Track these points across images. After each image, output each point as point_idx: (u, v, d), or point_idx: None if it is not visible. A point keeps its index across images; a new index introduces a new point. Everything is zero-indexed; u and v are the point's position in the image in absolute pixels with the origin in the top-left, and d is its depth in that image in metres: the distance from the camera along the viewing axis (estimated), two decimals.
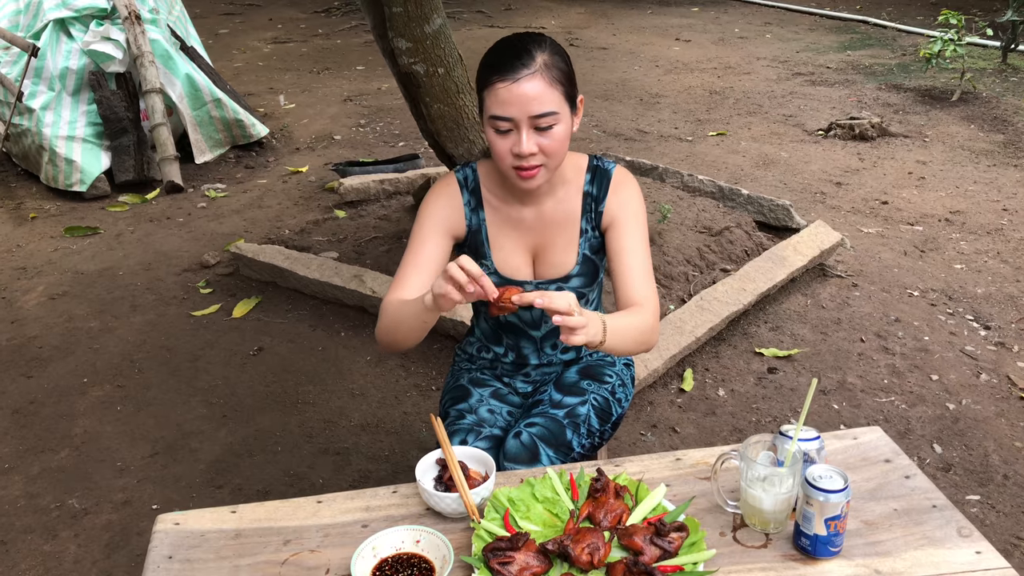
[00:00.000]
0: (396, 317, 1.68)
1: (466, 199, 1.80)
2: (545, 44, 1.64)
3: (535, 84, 1.58)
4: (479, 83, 1.65)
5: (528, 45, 1.61)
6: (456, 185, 1.80)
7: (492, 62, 1.61)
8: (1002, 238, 4.16)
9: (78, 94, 5.11)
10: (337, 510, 1.49)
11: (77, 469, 2.72)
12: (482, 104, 1.65)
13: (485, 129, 1.65)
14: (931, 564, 1.32)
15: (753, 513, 1.39)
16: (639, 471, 1.56)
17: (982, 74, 6.93)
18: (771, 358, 3.20)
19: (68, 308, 3.74)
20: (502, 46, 1.64)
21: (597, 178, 1.80)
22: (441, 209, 1.78)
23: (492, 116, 1.61)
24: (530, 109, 1.58)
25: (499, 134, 1.62)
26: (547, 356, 1.94)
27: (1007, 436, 2.75)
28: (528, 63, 1.58)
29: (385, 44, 3.24)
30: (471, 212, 1.80)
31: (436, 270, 1.75)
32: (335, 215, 4.54)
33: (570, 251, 1.81)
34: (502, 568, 1.29)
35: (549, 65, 1.60)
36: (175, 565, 1.38)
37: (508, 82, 1.57)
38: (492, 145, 1.65)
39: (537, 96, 1.58)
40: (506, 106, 1.58)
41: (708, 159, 5.33)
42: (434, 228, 1.77)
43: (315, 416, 2.95)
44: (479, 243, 1.81)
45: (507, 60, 1.59)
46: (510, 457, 1.74)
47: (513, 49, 1.61)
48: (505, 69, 1.58)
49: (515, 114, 1.59)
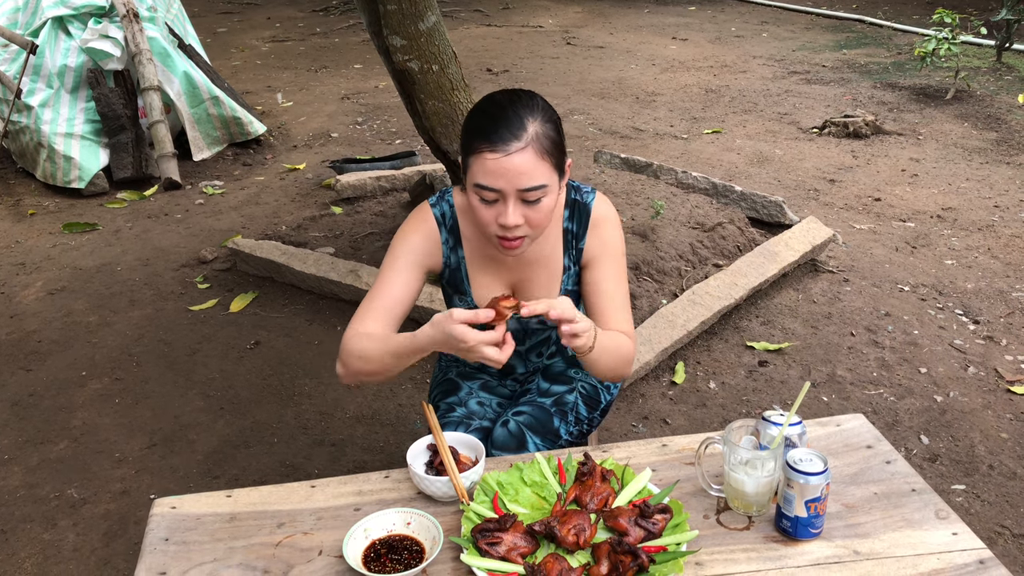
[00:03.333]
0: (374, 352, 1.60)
1: (444, 237, 1.74)
2: (537, 110, 1.56)
3: (526, 158, 1.51)
4: (465, 145, 1.57)
5: (520, 113, 1.53)
6: (433, 222, 1.73)
7: (482, 127, 1.53)
8: (993, 234, 4.20)
9: (76, 91, 5.13)
10: (330, 494, 1.53)
11: (76, 460, 2.75)
12: (466, 167, 1.57)
13: (469, 193, 1.58)
14: (909, 545, 1.36)
15: (736, 496, 1.42)
16: (626, 456, 1.59)
17: (976, 73, 6.97)
18: (762, 351, 3.23)
19: (67, 303, 3.77)
20: (492, 110, 1.55)
21: (576, 213, 1.74)
22: (418, 244, 1.72)
23: (478, 185, 1.54)
24: (519, 183, 1.52)
25: (484, 203, 1.56)
26: (532, 364, 1.95)
27: (993, 427, 2.78)
28: (520, 135, 1.51)
29: (380, 41, 3.28)
30: (449, 251, 1.75)
31: (405, 306, 1.69)
32: (332, 211, 4.57)
33: (552, 287, 1.77)
34: (490, 548, 1.32)
35: (540, 136, 1.53)
36: (171, 547, 1.41)
37: (499, 154, 1.50)
38: (476, 211, 1.58)
39: (527, 171, 1.51)
40: (494, 178, 1.51)
41: (703, 156, 5.37)
42: (408, 262, 1.70)
43: (311, 408, 2.98)
44: (459, 280, 1.77)
45: (498, 129, 1.51)
46: (498, 445, 1.76)
47: (504, 117, 1.52)
48: (495, 139, 1.51)
49: (503, 186, 1.52)
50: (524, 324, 1.84)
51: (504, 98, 1.58)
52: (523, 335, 1.88)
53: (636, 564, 1.28)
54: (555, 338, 1.91)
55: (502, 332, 1.47)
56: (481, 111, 1.58)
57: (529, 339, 1.89)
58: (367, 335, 1.63)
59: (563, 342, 1.52)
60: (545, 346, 1.92)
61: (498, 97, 1.60)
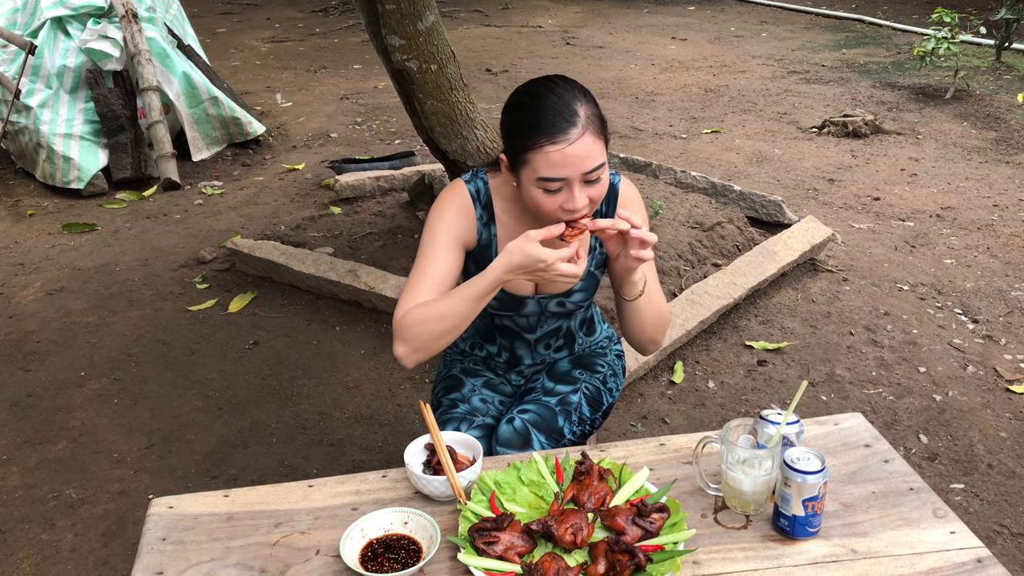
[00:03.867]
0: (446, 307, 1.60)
1: (479, 213, 1.75)
2: (579, 92, 1.59)
3: (585, 142, 1.54)
4: (516, 142, 1.57)
5: (567, 99, 1.55)
6: (468, 197, 1.74)
7: (534, 122, 1.54)
8: (992, 233, 4.20)
9: (75, 92, 5.13)
10: (328, 494, 1.52)
11: (74, 460, 2.75)
12: (522, 163, 1.57)
13: (527, 188, 1.59)
14: (907, 544, 1.36)
15: (734, 495, 1.42)
16: (623, 455, 1.59)
17: (976, 72, 6.97)
18: (761, 351, 3.23)
19: (65, 303, 3.77)
20: (538, 103, 1.56)
21: (606, 195, 1.77)
22: (456, 221, 1.72)
23: (542, 178, 1.55)
24: (583, 167, 1.54)
25: (548, 193, 1.57)
26: (540, 356, 1.96)
27: (992, 426, 2.78)
28: (575, 120, 1.53)
29: (378, 41, 3.28)
30: (483, 227, 1.75)
31: (451, 284, 1.71)
32: (331, 212, 4.57)
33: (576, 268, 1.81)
34: (487, 547, 1.32)
35: (591, 116, 1.56)
36: (168, 547, 1.41)
37: (560, 145, 1.52)
38: (538, 203, 1.59)
39: (590, 154, 1.54)
40: (559, 168, 1.53)
41: (702, 156, 5.37)
42: (449, 241, 1.71)
43: (309, 408, 2.98)
44: (487, 257, 1.77)
45: (554, 120, 1.53)
46: (502, 442, 1.77)
47: (555, 106, 1.54)
48: (554, 131, 1.52)
49: (568, 175, 1.54)
50: (542, 306, 1.85)
51: (544, 88, 1.59)
52: (536, 321, 1.88)
53: (633, 563, 1.27)
54: (564, 329, 1.93)
55: (575, 247, 1.54)
56: (525, 106, 1.58)
57: (541, 327, 1.90)
58: (425, 303, 1.63)
59: (632, 252, 1.57)
60: (554, 337, 1.93)
61: (536, 88, 1.60)
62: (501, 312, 1.84)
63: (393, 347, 1.66)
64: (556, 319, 1.90)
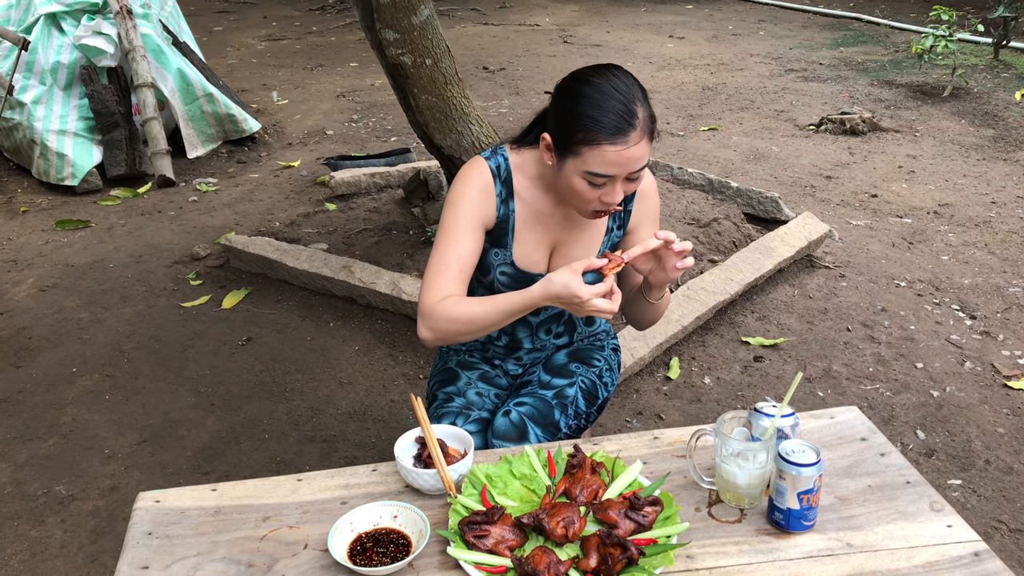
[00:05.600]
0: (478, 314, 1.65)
1: (498, 189, 1.74)
2: (639, 91, 1.58)
3: (642, 147, 1.56)
4: (576, 133, 1.56)
5: (628, 101, 1.55)
6: (489, 174, 1.74)
7: (599, 120, 1.54)
8: (990, 230, 4.18)
9: (70, 88, 5.11)
10: (317, 488, 1.50)
11: (64, 456, 2.73)
12: (574, 152, 1.58)
13: (570, 176, 1.60)
14: (903, 537, 1.34)
15: (728, 488, 1.40)
16: (616, 449, 1.57)
17: (973, 70, 6.95)
18: (757, 347, 3.21)
19: (58, 300, 3.75)
20: (603, 100, 1.55)
21: None
22: (477, 200, 1.73)
23: (592, 172, 1.56)
24: (632, 168, 1.57)
25: (592, 186, 1.59)
26: (540, 341, 1.95)
27: (990, 422, 2.76)
28: (635, 123, 1.54)
29: (373, 36, 3.26)
30: (501, 203, 1.75)
31: (473, 265, 1.73)
32: (326, 208, 4.54)
33: (590, 248, 1.81)
34: (477, 541, 1.30)
35: (647, 120, 1.57)
36: (154, 541, 1.39)
37: (619, 147, 1.53)
38: (578, 192, 1.61)
39: (641, 156, 1.57)
40: (612, 167, 1.56)
41: (699, 153, 5.35)
42: (468, 224, 1.72)
43: (303, 405, 2.96)
44: (503, 232, 1.77)
45: (616, 121, 1.53)
46: (499, 435, 1.75)
47: (620, 109, 1.54)
48: (616, 132, 1.53)
49: (618, 173, 1.57)
50: None
51: (608, 83, 1.57)
52: None
53: (625, 557, 1.25)
54: (566, 316, 1.93)
55: (611, 283, 1.55)
56: (588, 99, 1.56)
57: (545, 310, 1.90)
58: (460, 300, 1.67)
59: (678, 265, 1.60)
60: (555, 323, 1.93)
61: (601, 82, 1.58)
62: (511, 290, 1.82)
63: (418, 328, 1.71)
64: None
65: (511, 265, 1.79)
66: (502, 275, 1.80)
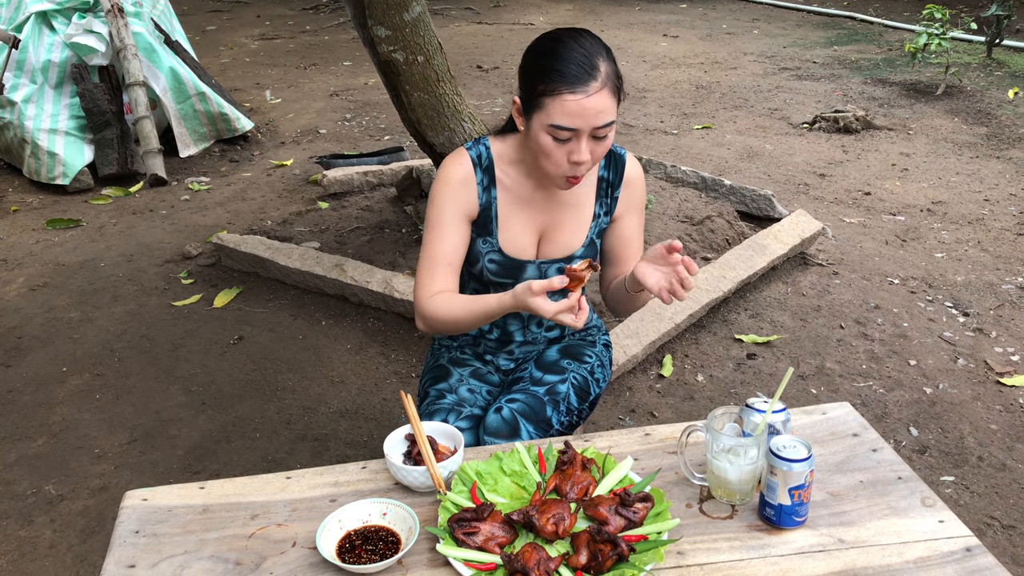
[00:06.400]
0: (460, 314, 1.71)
1: (479, 177, 1.77)
2: (602, 48, 1.62)
3: (603, 97, 1.57)
4: (534, 86, 1.60)
5: (590, 52, 1.58)
6: (469, 164, 1.77)
7: (559, 69, 1.57)
8: (983, 227, 4.19)
9: (60, 87, 5.08)
10: (305, 485, 1.49)
11: (54, 456, 2.71)
12: (537, 107, 1.60)
13: (537, 133, 1.62)
14: (894, 533, 1.33)
15: (719, 484, 1.40)
16: (608, 445, 1.56)
17: (967, 68, 6.96)
18: (750, 344, 3.21)
19: (48, 299, 3.73)
20: (564, 51, 1.58)
21: (612, 164, 1.82)
22: (458, 195, 1.75)
23: (555, 125, 1.58)
24: (595, 122, 1.58)
25: (557, 142, 1.61)
26: (532, 334, 1.95)
27: (982, 419, 2.76)
28: (596, 76, 1.56)
29: (365, 33, 3.24)
30: (483, 191, 1.78)
31: (461, 255, 1.78)
32: (318, 207, 4.53)
33: (579, 233, 1.82)
34: (467, 538, 1.29)
35: (611, 74, 1.59)
36: (141, 540, 1.38)
37: (579, 96, 1.55)
38: (546, 151, 1.62)
39: (604, 109, 1.58)
40: (573, 118, 1.57)
41: (693, 152, 5.35)
42: (451, 217, 1.75)
43: (294, 403, 2.94)
44: (487, 220, 1.79)
45: (576, 71, 1.56)
46: (491, 431, 1.75)
47: (580, 58, 1.57)
48: (575, 81, 1.55)
49: (580, 125, 1.58)
50: (542, 271, 1.85)
51: (569, 37, 1.61)
52: None
53: (616, 553, 1.24)
54: None
55: (576, 297, 1.53)
56: (552, 53, 1.60)
57: None
58: (448, 297, 1.74)
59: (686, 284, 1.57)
60: None
61: (563, 36, 1.62)
62: (500, 279, 1.83)
63: (415, 319, 1.81)
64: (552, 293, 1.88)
65: (499, 252, 1.80)
66: (490, 263, 1.81)
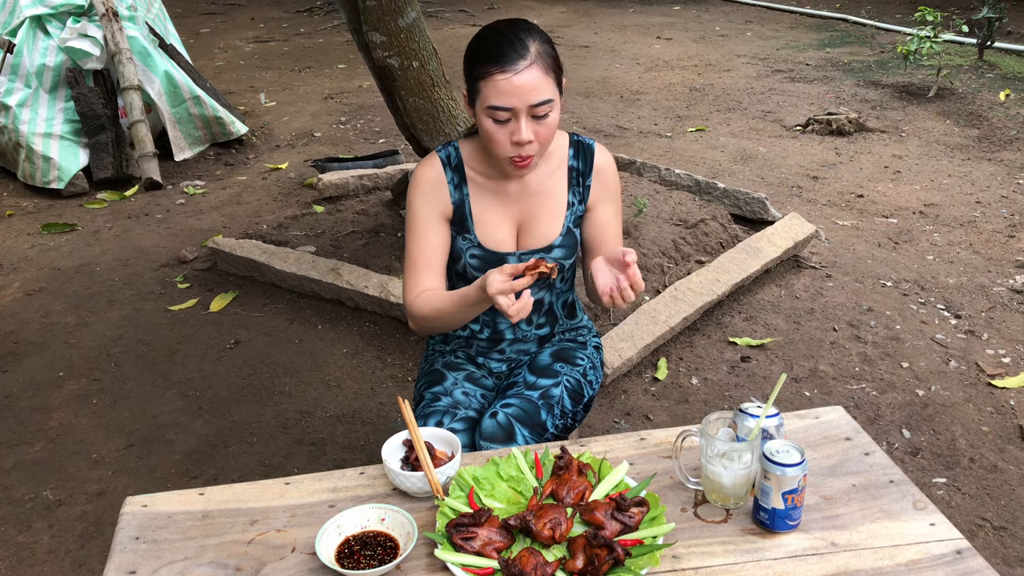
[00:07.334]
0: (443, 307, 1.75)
1: (450, 176, 1.82)
2: (535, 32, 1.67)
3: (534, 74, 1.62)
4: (472, 73, 1.67)
5: (520, 35, 1.64)
6: (439, 165, 1.82)
7: (488, 51, 1.64)
8: (975, 230, 4.22)
9: (55, 91, 5.08)
10: (304, 491, 1.50)
11: (52, 461, 2.71)
12: (475, 93, 1.68)
13: (480, 118, 1.68)
14: (886, 536, 1.35)
15: (713, 489, 1.41)
16: (603, 450, 1.58)
17: (958, 70, 7.01)
18: (744, 347, 3.23)
19: (44, 304, 3.73)
20: (494, 36, 1.66)
21: (581, 153, 1.86)
22: (430, 198, 1.81)
23: (491, 107, 1.64)
24: (530, 99, 1.62)
25: (497, 124, 1.66)
26: (522, 332, 1.97)
27: (974, 421, 2.79)
28: (524, 54, 1.62)
29: (360, 38, 3.26)
30: (454, 189, 1.82)
31: (444, 253, 1.83)
32: (313, 210, 4.54)
33: (555, 222, 1.85)
34: (465, 543, 1.31)
35: (543, 53, 1.64)
36: (141, 546, 1.39)
37: (509, 74, 1.60)
38: (489, 135, 1.68)
39: (537, 86, 1.62)
40: (507, 97, 1.62)
41: (687, 154, 5.37)
42: (427, 220, 1.81)
43: (291, 407, 2.95)
44: (463, 217, 1.83)
45: (504, 51, 1.62)
46: (486, 436, 1.76)
47: (508, 39, 1.63)
48: (504, 60, 1.61)
49: (515, 104, 1.62)
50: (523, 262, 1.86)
51: (502, 24, 1.69)
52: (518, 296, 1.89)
53: (612, 558, 1.26)
54: (546, 305, 1.95)
55: (522, 286, 1.55)
56: (483, 38, 1.68)
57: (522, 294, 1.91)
58: (432, 294, 1.78)
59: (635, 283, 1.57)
60: (536, 313, 1.95)
61: (496, 25, 1.70)
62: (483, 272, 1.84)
63: (408, 320, 1.86)
64: (538, 287, 1.92)
65: (479, 247, 1.84)
66: (472, 258, 1.84)
